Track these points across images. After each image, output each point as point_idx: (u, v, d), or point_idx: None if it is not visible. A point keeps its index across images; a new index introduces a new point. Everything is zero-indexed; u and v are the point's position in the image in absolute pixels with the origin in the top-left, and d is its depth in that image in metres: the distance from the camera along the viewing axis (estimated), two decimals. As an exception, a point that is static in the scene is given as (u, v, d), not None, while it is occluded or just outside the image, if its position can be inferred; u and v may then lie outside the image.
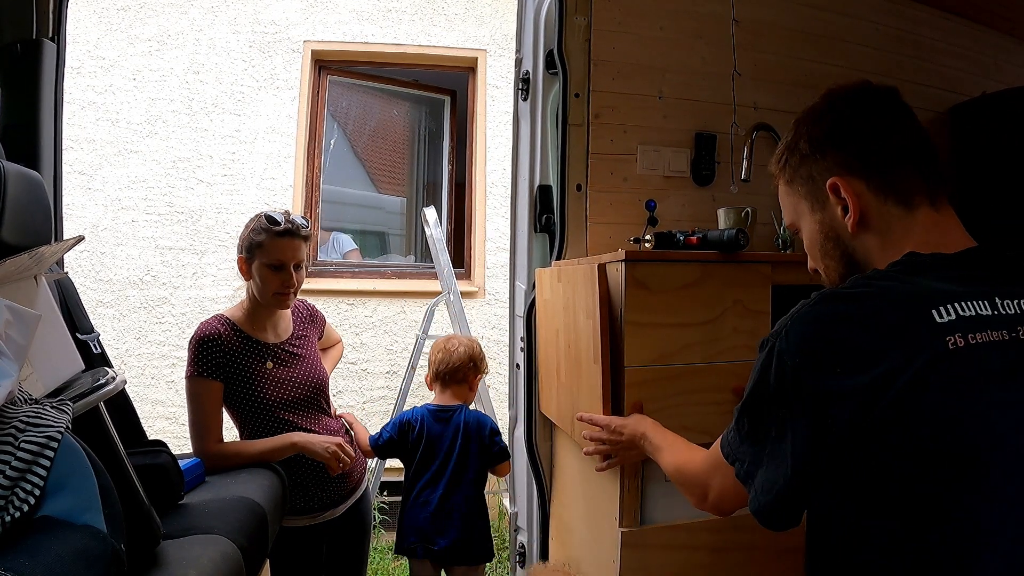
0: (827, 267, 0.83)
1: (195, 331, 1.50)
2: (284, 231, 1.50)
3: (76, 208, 3.17)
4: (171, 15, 3.36)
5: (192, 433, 1.47)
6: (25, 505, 0.69)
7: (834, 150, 0.77)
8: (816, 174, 0.79)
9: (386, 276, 3.56)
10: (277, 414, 1.51)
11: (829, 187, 0.77)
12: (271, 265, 1.50)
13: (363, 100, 3.86)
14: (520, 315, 1.86)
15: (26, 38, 1.54)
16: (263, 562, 1.29)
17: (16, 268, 0.99)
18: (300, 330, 1.64)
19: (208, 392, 1.47)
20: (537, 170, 1.85)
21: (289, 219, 1.52)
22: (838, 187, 0.76)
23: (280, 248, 1.50)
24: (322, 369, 1.64)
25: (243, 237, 1.54)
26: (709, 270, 1.32)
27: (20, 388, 0.82)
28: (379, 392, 3.40)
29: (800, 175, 0.82)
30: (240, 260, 1.54)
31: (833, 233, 0.79)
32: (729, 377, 1.35)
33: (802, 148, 0.81)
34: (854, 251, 0.78)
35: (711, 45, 1.88)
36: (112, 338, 3.14)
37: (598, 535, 1.42)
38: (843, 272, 0.80)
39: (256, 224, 1.52)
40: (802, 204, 0.83)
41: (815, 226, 0.82)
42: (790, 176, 0.84)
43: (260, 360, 1.52)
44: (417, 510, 1.71)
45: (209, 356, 1.47)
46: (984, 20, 2.23)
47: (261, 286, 1.52)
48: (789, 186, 0.84)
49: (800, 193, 0.83)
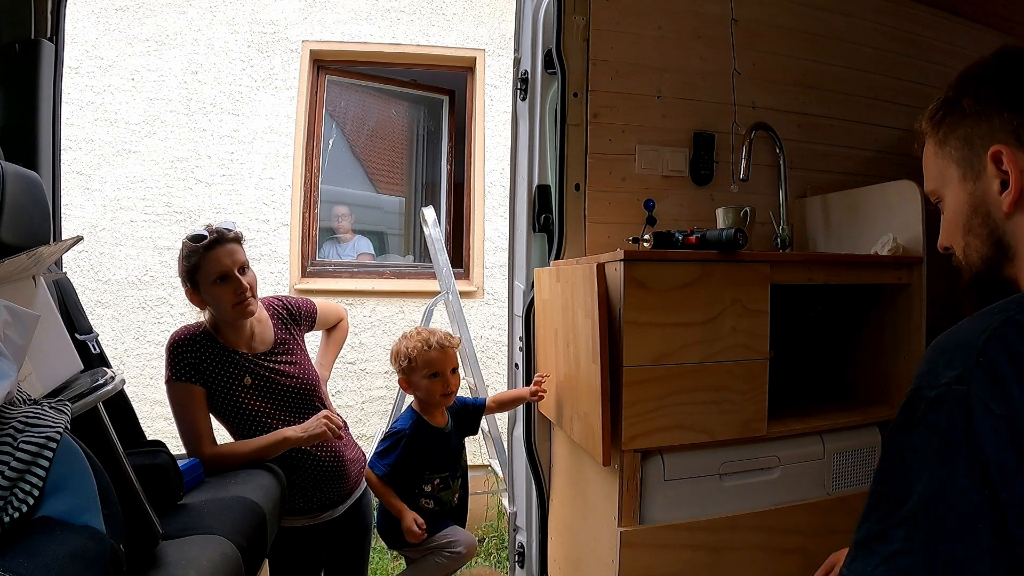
0: (967, 244, 0.72)
1: (170, 336, 1.47)
2: (212, 242, 1.45)
3: (74, 208, 3.17)
4: (169, 15, 3.35)
5: (183, 440, 1.44)
6: (24, 505, 0.69)
7: (1004, 114, 0.66)
8: (977, 138, 0.68)
9: (385, 276, 3.55)
10: (266, 423, 1.48)
11: (991, 155, 0.66)
12: (217, 279, 1.44)
13: (362, 100, 3.85)
14: (519, 315, 1.86)
15: (24, 38, 1.54)
16: (262, 562, 1.29)
17: (14, 268, 0.99)
18: (282, 334, 1.59)
19: (188, 396, 1.43)
20: (536, 170, 1.85)
21: (211, 229, 1.47)
22: (1001, 157, 0.65)
23: (216, 259, 1.44)
24: (312, 372, 1.60)
25: (180, 271, 1.48)
26: (708, 270, 1.33)
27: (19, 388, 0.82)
28: (378, 392, 3.40)
29: (957, 136, 0.70)
30: (188, 293, 1.48)
31: (984, 208, 0.68)
32: (727, 376, 1.35)
33: (965, 106, 0.69)
34: (1004, 233, 0.67)
35: (710, 45, 1.88)
36: (111, 338, 3.14)
37: (597, 535, 1.42)
38: (986, 255, 0.69)
39: (184, 250, 1.46)
40: (952, 170, 0.72)
41: (963, 196, 0.71)
42: (944, 136, 0.72)
43: (238, 375, 1.48)
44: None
45: (184, 359, 1.44)
46: (984, 20, 2.23)
47: (218, 306, 1.46)
48: (940, 147, 0.73)
49: (953, 157, 0.71)
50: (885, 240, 1.60)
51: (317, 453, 1.53)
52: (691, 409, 1.32)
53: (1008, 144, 0.65)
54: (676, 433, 1.32)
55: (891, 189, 1.66)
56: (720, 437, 1.35)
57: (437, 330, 1.64)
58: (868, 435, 1.55)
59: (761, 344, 1.37)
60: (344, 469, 1.57)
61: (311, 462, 1.51)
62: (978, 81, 0.69)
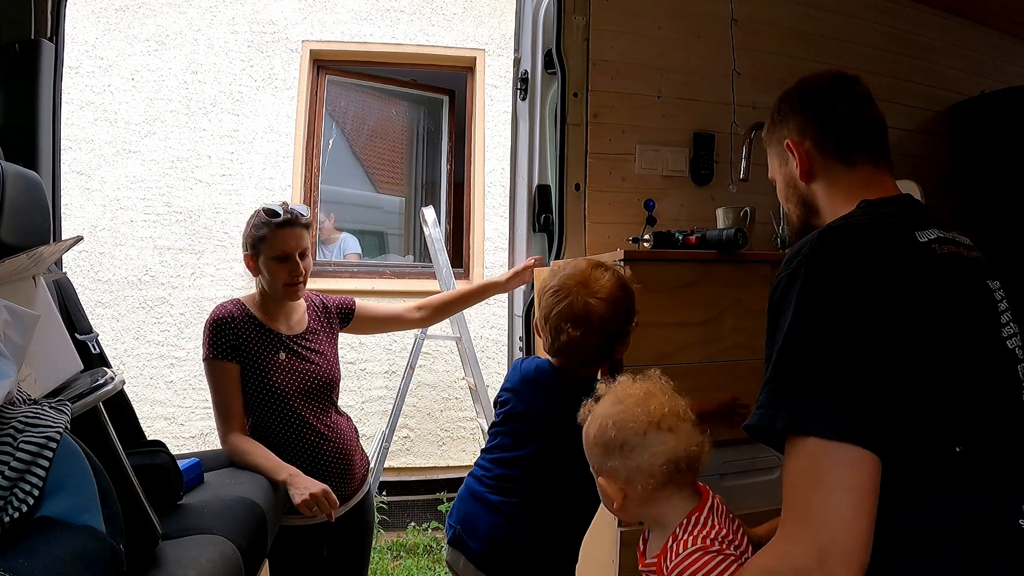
0: (789, 210, 1.03)
1: (210, 314, 1.53)
2: (284, 222, 1.52)
3: (74, 208, 3.16)
4: (169, 15, 3.35)
5: (215, 416, 1.51)
6: (24, 505, 0.69)
7: (792, 117, 0.98)
8: (783, 137, 0.99)
9: (385, 276, 3.55)
10: (288, 403, 1.51)
11: (786, 146, 0.98)
12: (277, 257, 1.51)
13: (361, 100, 3.85)
14: (519, 315, 1.86)
15: (24, 38, 1.54)
16: (262, 562, 1.29)
17: (14, 268, 0.99)
18: (315, 324, 1.64)
19: (224, 374, 1.49)
20: (536, 170, 1.85)
21: (288, 209, 1.54)
22: (791, 145, 0.97)
23: (283, 239, 1.52)
24: (335, 369, 1.63)
25: (246, 234, 1.55)
26: (708, 270, 1.33)
27: (19, 388, 0.82)
28: (378, 392, 3.40)
29: (775, 138, 1.02)
30: (246, 257, 1.56)
31: (792, 181, 0.99)
32: (728, 377, 1.35)
33: (776, 118, 1.01)
34: (807, 196, 0.98)
35: (710, 45, 1.88)
36: (111, 338, 3.14)
37: (597, 535, 1.42)
38: (799, 213, 1.00)
39: (256, 219, 1.54)
40: (775, 161, 1.04)
41: (781, 177, 1.03)
42: (768, 139, 1.04)
43: (273, 350, 1.53)
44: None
45: (223, 338, 1.49)
46: (983, 20, 2.23)
47: (270, 280, 1.53)
48: (769, 148, 1.05)
49: (774, 152, 1.03)
50: (885, 240, 1.60)
51: (321, 453, 1.52)
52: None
53: (793, 137, 0.97)
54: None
55: (891, 189, 1.66)
56: (721, 437, 1.34)
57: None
58: (868, 435, 1.54)
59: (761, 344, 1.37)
60: (348, 471, 1.57)
61: (313, 462, 1.51)
62: (784, 99, 1.01)
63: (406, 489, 3.34)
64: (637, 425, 0.89)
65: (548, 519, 1.18)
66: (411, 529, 3.19)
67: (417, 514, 3.28)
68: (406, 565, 2.80)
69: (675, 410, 0.91)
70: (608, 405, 0.94)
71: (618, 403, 0.92)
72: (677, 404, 0.92)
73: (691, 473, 0.90)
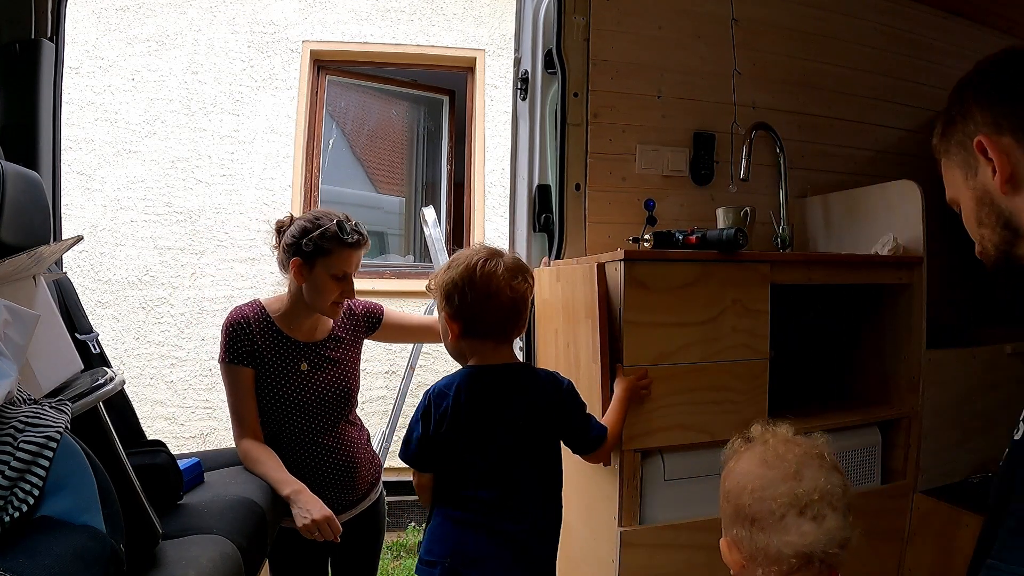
0: (983, 237, 0.75)
1: (227, 315, 1.48)
2: (355, 242, 1.46)
3: (75, 208, 3.16)
4: (170, 15, 3.35)
5: (231, 419, 1.48)
6: (24, 505, 0.69)
7: (979, 109, 0.71)
8: (967, 138, 0.73)
9: (385, 276, 3.55)
10: (293, 416, 1.47)
11: (976, 147, 0.71)
12: (336, 276, 1.45)
13: (362, 100, 3.85)
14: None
15: (24, 38, 1.54)
16: (262, 562, 1.29)
17: (15, 268, 0.99)
18: (339, 330, 1.58)
19: (238, 379, 1.45)
20: (536, 170, 1.85)
21: (358, 229, 1.47)
22: (984, 145, 0.70)
23: (348, 259, 1.46)
24: (354, 378, 1.60)
25: (303, 241, 1.43)
26: (708, 270, 1.33)
27: (19, 388, 0.82)
28: (378, 392, 3.40)
29: (954, 143, 0.75)
30: (296, 263, 1.44)
31: (987, 198, 0.72)
32: (728, 377, 1.35)
33: (954, 115, 0.75)
34: (1010, 215, 0.70)
35: (710, 44, 1.88)
36: (111, 338, 3.14)
37: (597, 535, 1.42)
38: (997, 241, 0.73)
39: (326, 231, 1.43)
40: (957, 174, 0.76)
41: (969, 194, 0.74)
42: (946, 147, 0.77)
43: (294, 360, 1.47)
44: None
45: (238, 343, 1.44)
46: (983, 20, 2.23)
47: (319, 295, 1.45)
48: (946, 158, 0.78)
49: (956, 163, 0.76)
50: (885, 240, 1.60)
51: (322, 466, 1.49)
52: (691, 409, 1.32)
53: (988, 134, 0.70)
54: (676, 433, 1.32)
55: (891, 189, 1.66)
56: (720, 437, 1.34)
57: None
58: (868, 435, 1.54)
59: (761, 344, 1.37)
60: (350, 482, 1.53)
61: (313, 474, 1.47)
62: (960, 89, 0.75)
63: (406, 489, 3.33)
64: (777, 505, 0.76)
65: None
66: (411, 529, 3.19)
67: (417, 514, 3.28)
68: (406, 565, 2.81)
69: (828, 496, 0.76)
70: (754, 464, 0.80)
71: (765, 466, 0.79)
72: (834, 486, 0.77)
73: (826, 571, 0.77)
